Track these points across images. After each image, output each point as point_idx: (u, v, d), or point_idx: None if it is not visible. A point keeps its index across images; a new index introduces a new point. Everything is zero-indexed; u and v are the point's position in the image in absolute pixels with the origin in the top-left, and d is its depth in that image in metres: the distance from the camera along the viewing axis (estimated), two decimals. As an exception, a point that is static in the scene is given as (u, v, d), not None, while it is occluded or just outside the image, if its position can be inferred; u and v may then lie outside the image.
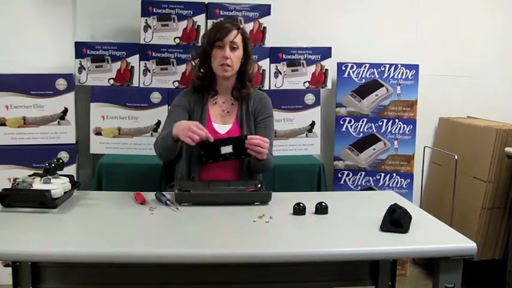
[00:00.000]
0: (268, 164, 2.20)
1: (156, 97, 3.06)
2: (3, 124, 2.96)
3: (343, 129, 3.26)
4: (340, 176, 3.28)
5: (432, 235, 1.69)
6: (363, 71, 3.25)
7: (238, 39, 2.21)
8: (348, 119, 3.26)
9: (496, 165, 2.94)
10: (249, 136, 2.03)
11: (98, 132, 3.05)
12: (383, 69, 3.25)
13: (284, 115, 3.16)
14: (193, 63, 2.32)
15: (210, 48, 2.20)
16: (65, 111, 3.02)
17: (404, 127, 3.24)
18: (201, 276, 1.88)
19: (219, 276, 1.89)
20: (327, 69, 3.18)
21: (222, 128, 2.23)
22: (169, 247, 1.54)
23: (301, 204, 1.83)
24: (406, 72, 3.25)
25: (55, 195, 1.79)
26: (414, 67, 3.25)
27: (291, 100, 3.16)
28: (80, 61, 3.02)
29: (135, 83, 3.07)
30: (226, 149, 2.03)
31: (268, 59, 3.13)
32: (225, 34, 2.17)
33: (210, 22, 3.04)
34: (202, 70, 2.26)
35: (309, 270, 1.95)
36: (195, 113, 2.23)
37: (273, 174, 2.82)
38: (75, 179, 2.05)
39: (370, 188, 3.26)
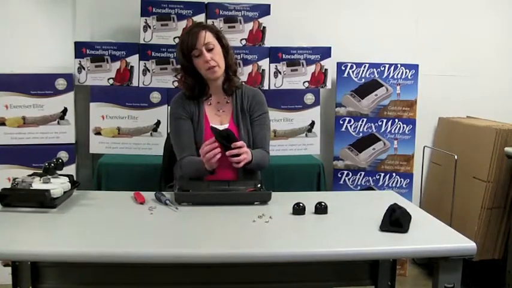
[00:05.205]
0: (263, 162, 2.21)
1: (155, 97, 3.06)
2: (3, 124, 2.96)
3: (343, 129, 3.26)
4: (339, 175, 3.28)
5: (432, 235, 1.69)
6: (363, 70, 3.25)
7: (210, 38, 2.17)
8: (347, 118, 3.26)
9: (495, 165, 2.94)
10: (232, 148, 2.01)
11: (98, 132, 3.04)
12: (383, 69, 3.25)
13: (284, 115, 3.16)
14: (179, 78, 2.29)
15: (189, 62, 2.18)
16: (65, 111, 3.02)
17: (404, 127, 3.24)
18: (201, 276, 1.88)
19: (219, 276, 1.89)
20: (326, 69, 3.18)
21: (220, 128, 2.22)
22: (169, 247, 1.54)
23: (301, 204, 1.83)
24: (406, 72, 3.25)
25: (54, 195, 1.79)
26: (414, 67, 3.25)
27: (290, 100, 3.17)
28: (80, 61, 3.02)
29: (134, 83, 3.07)
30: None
31: (268, 58, 3.13)
32: (195, 40, 2.14)
33: (209, 22, 3.04)
34: (189, 82, 2.23)
35: (308, 270, 1.95)
36: (193, 116, 2.23)
37: (272, 174, 2.82)
38: (75, 179, 2.05)
39: (369, 188, 3.26)
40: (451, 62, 3.52)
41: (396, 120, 3.25)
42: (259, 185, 2.08)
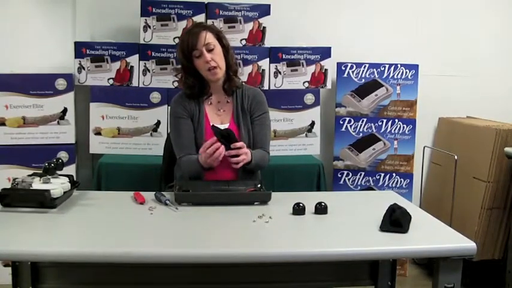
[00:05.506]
0: (262, 162, 2.22)
1: (155, 97, 3.06)
2: (3, 124, 2.96)
3: (343, 129, 3.26)
4: (339, 176, 3.28)
5: (432, 235, 1.69)
6: (363, 71, 3.25)
7: (211, 38, 2.17)
8: (347, 119, 3.26)
9: (495, 165, 2.94)
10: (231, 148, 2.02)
11: (98, 132, 3.04)
12: (383, 69, 3.24)
13: (284, 115, 3.16)
14: (179, 78, 2.29)
15: (189, 62, 2.18)
16: (65, 111, 3.02)
17: (404, 127, 3.24)
18: (201, 276, 1.88)
19: (219, 276, 1.89)
20: (326, 69, 3.18)
21: (220, 127, 2.22)
22: (168, 247, 1.54)
23: (301, 204, 1.83)
24: (406, 72, 3.25)
25: (54, 195, 1.79)
26: (414, 67, 3.25)
27: (290, 100, 3.16)
28: (80, 61, 3.02)
29: (134, 83, 3.07)
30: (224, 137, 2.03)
31: (268, 58, 3.13)
32: (196, 40, 2.14)
33: (209, 22, 3.04)
34: (189, 82, 2.23)
35: (308, 270, 1.95)
36: (194, 116, 2.23)
37: (272, 174, 2.82)
38: (75, 179, 2.05)
39: (369, 188, 3.26)
40: (451, 62, 3.52)
41: (396, 120, 3.25)
42: (259, 185, 2.08)
